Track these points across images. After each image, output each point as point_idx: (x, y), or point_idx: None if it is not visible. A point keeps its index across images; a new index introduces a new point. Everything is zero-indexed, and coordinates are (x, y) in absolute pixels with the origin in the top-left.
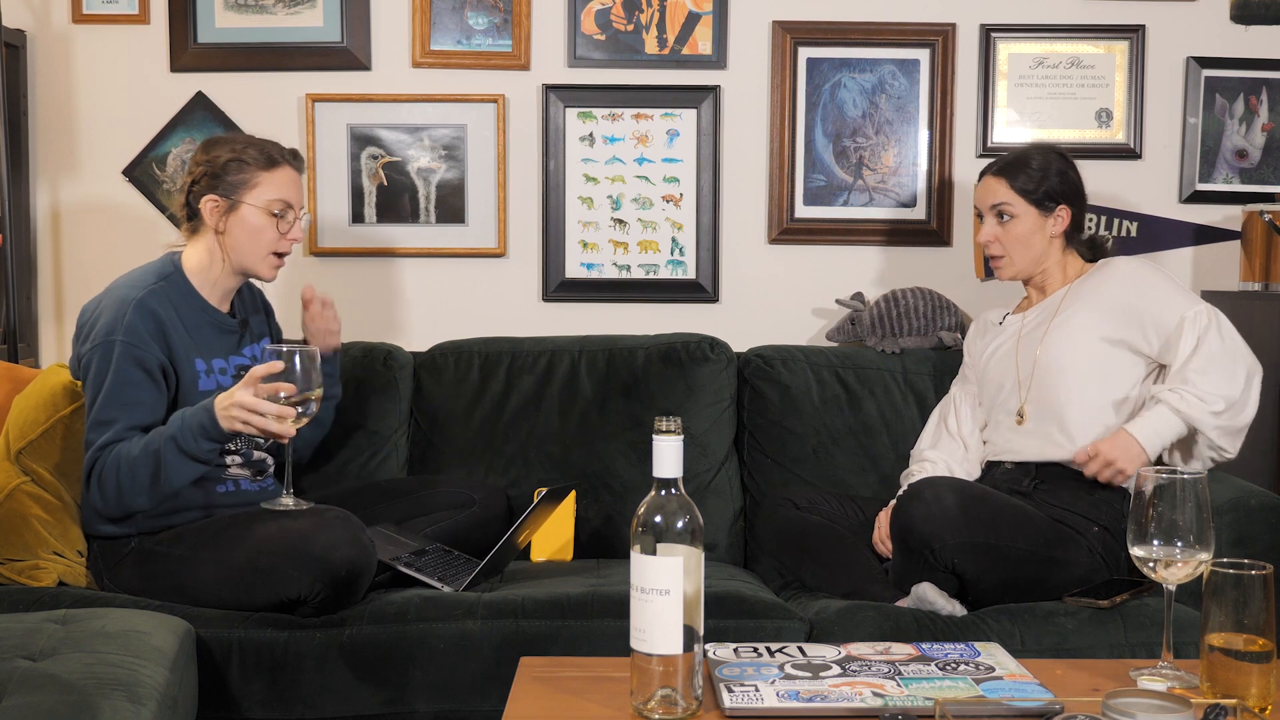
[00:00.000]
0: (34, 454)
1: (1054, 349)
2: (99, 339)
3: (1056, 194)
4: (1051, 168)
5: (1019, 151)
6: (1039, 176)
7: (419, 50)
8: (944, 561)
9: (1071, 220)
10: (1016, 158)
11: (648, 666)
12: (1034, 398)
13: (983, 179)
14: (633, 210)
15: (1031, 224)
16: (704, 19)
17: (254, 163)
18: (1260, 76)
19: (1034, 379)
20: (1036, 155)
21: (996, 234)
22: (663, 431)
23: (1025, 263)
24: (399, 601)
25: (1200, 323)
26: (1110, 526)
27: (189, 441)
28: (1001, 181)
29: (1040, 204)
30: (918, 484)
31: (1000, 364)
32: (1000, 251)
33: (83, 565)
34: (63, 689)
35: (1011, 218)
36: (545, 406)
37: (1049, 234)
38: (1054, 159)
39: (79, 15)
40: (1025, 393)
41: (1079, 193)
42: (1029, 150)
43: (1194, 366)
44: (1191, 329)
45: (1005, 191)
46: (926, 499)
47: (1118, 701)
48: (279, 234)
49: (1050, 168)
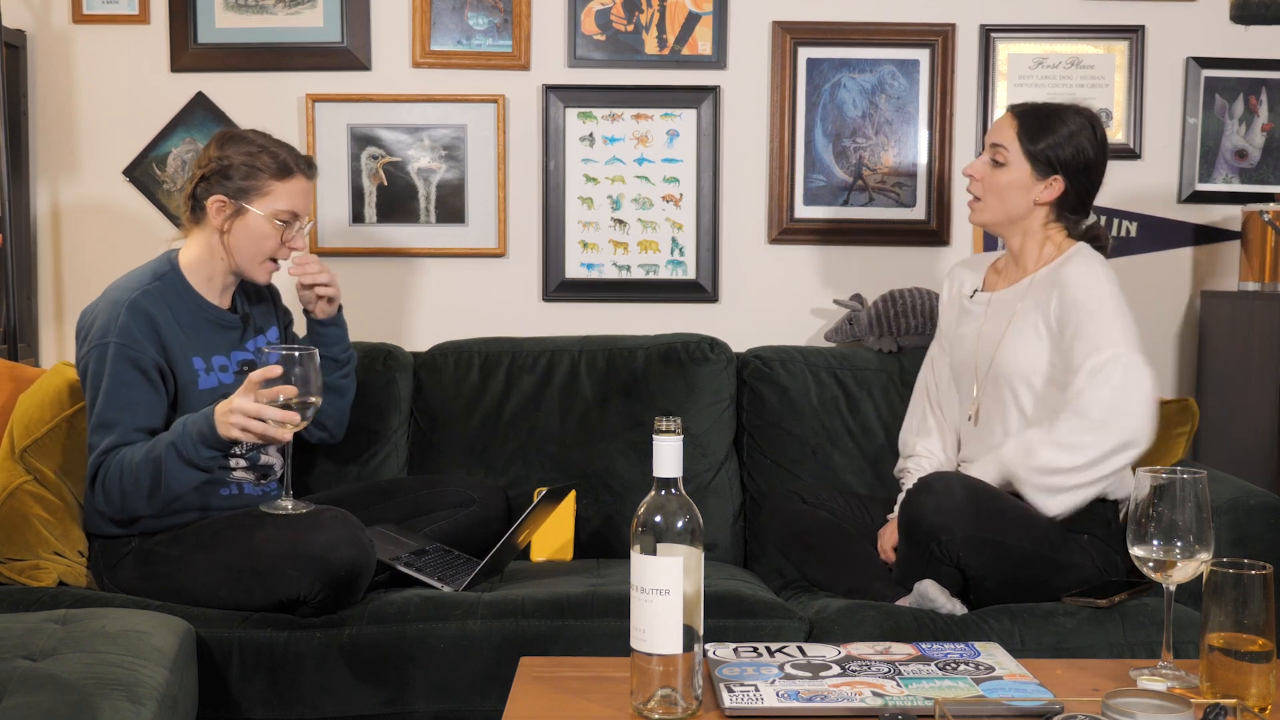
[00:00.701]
0: (38, 452)
1: (1005, 356)
2: (94, 341)
3: (1059, 163)
4: (1074, 136)
5: (1055, 106)
6: (1052, 138)
7: (419, 50)
8: (950, 555)
9: (1064, 194)
10: (1046, 110)
11: (648, 666)
12: (986, 401)
13: (1004, 113)
14: (633, 210)
15: (1018, 178)
16: (704, 19)
17: (267, 170)
18: (1260, 76)
19: (984, 383)
20: (1069, 118)
21: (982, 173)
22: (663, 431)
23: (998, 215)
24: (399, 601)
25: (1093, 374)
26: (1099, 534)
27: (189, 449)
28: (1013, 123)
29: (1036, 163)
30: (928, 477)
31: (962, 350)
32: (979, 193)
33: (83, 565)
34: (63, 689)
35: (1002, 165)
36: (545, 406)
37: (1033, 198)
38: (1084, 129)
39: (79, 15)
40: (979, 392)
41: (1087, 170)
42: (1064, 108)
43: (1059, 416)
44: (1086, 375)
45: (1009, 135)
46: (937, 491)
47: (1118, 701)
48: (281, 242)
49: (1073, 136)
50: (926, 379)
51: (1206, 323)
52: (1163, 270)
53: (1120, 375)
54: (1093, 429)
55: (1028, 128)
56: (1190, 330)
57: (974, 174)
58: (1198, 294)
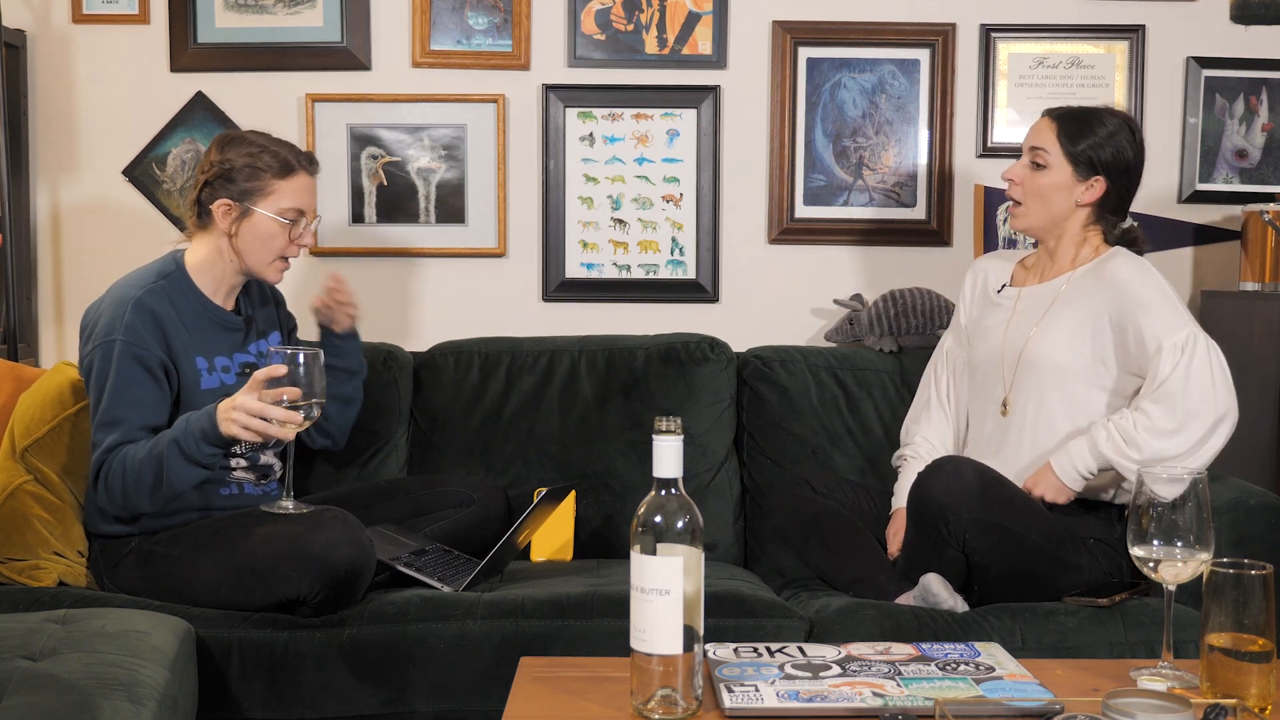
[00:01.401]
0: (40, 452)
1: (1041, 348)
2: (99, 339)
3: (1100, 163)
4: (1114, 137)
5: (1092, 109)
6: (1093, 139)
7: (419, 50)
8: (957, 536)
9: (1105, 195)
10: (1084, 113)
11: (648, 666)
12: (1019, 393)
13: (1041, 118)
14: (633, 210)
15: (1060, 180)
16: (704, 19)
17: (269, 170)
18: (1260, 76)
19: (1018, 374)
20: (1106, 120)
21: (1022, 177)
22: (663, 431)
23: (1041, 219)
24: (399, 601)
25: (1176, 355)
26: (1104, 538)
27: (191, 445)
28: (1052, 126)
29: (1078, 165)
30: (939, 459)
31: (988, 343)
32: (1020, 197)
33: (83, 565)
34: (63, 689)
35: (1043, 167)
36: (545, 406)
37: (1075, 199)
38: (1122, 130)
39: (79, 15)
40: (1008, 387)
41: (1127, 172)
42: (1103, 111)
43: (1148, 403)
44: (1169, 358)
45: (1049, 138)
46: (947, 472)
47: (1118, 701)
48: (289, 240)
49: (1113, 137)
50: (937, 369)
51: (1206, 323)
52: (1163, 270)
53: (1203, 353)
54: (1191, 413)
55: (1068, 129)
56: None
57: (1014, 178)
58: (1198, 294)
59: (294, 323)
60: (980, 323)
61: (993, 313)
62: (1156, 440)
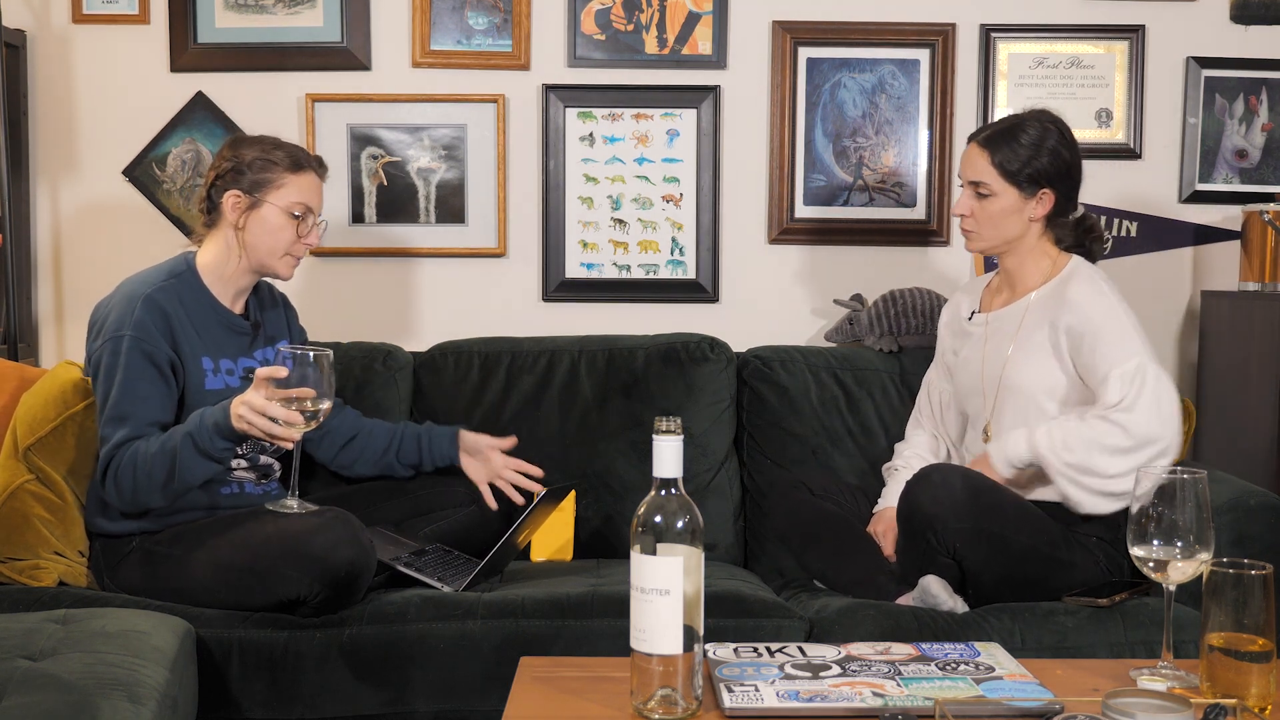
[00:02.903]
0: (42, 451)
1: (1017, 372)
2: (109, 334)
3: (1042, 175)
4: (1044, 144)
5: (1013, 120)
6: (1026, 154)
7: (419, 50)
8: (946, 546)
9: (1055, 204)
10: (1007, 128)
11: (648, 666)
12: (998, 419)
13: (968, 145)
14: (633, 210)
15: (1009, 204)
16: (704, 19)
17: (280, 164)
18: (1260, 76)
19: (998, 399)
20: (1031, 128)
21: (971, 208)
22: (663, 431)
23: (995, 240)
24: (399, 601)
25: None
26: (1104, 536)
27: (205, 439)
28: (984, 155)
29: (1021, 185)
30: (927, 468)
31: (967, 372)
32: (972, 227)
33: (83, 565)
34: (63, 689)
35: (989, 196)
36: (545, 406)
37: (1027, 216)
38: (1050, 134)
39: (79, 15)
40: (990, 412)
41: (1069, 173)
42: (1024, 120)
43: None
44: (1117, 387)
45: (985, 168)
46: (935, 482)
47: (1118, 701)
48: (297, 236)
49: (1043, 144)
50: (924, 405)
51: (1206, 323)
52: (1163, 270)
53: (1152, 384)
54: (1137, 445)
55: (1000, 155)
56: (1190, 330)
57: (963, 212)
58: (1198, 294)
59: (304, 336)
60: (958, 355)
61: (967, 342)
62: (1096, 456)
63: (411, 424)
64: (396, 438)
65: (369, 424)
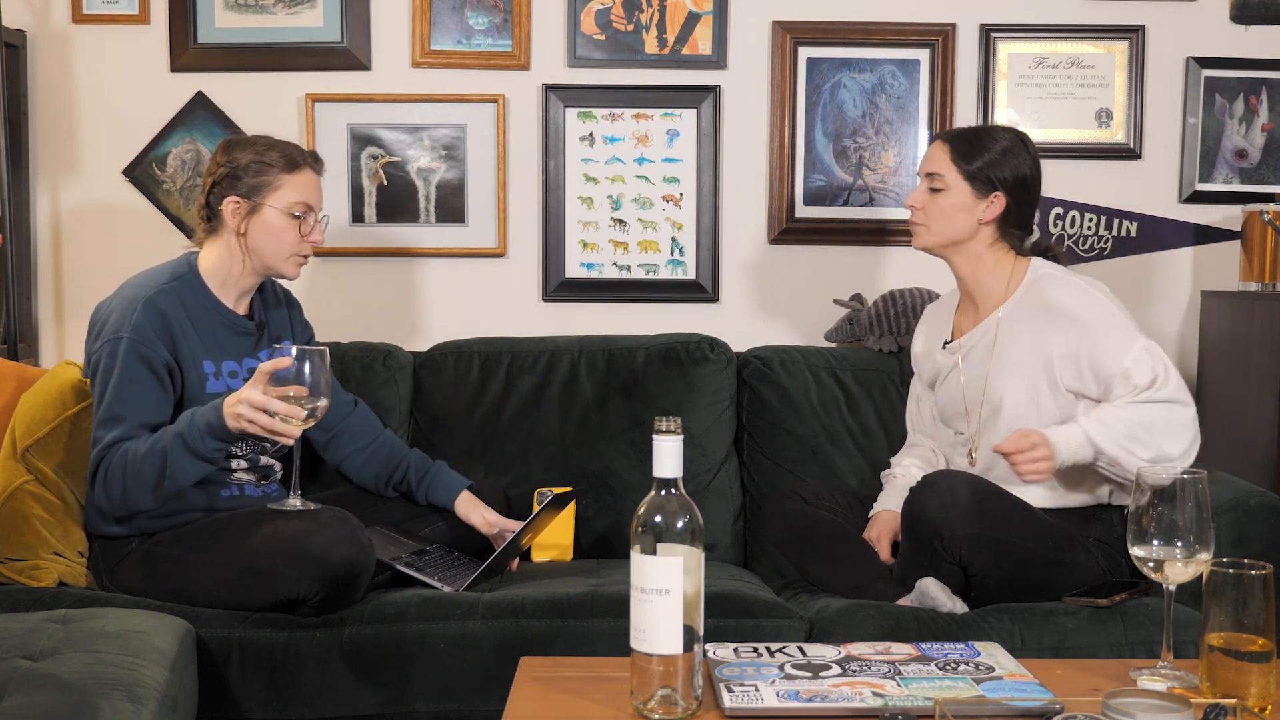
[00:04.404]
0: (40, 452)
1: (999, 392)
2: (108, 336)
3: (997, 178)
4: (1006, 150)
5: (984, 128)
6: (985, 156)
7: (419, 50)
8: (952, 552)
9: (1005, 212)
10: (972, 132)
11: (648, 666)
12: (985, 441)
13: (932, 142)
14: (633, 210)
15: (960, 201)
16: (704, 19)
17: (276, 165)
18: (1260, 76)
19: (983, 419)
20: (996, 136)
21: (923, 201)
22: (663, 431)
23: (941, 238)
24: (399, 601)
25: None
26: (1103, 537)
27: (195, 439)
28: (945, 149)
29: (975, 183)
30: (932, 475)
31: (950, 398)
32: (921, 220)
33: (83, 565)
34: (63, 689)
35: (941, 190)
36: (545, 406)
37: (976, 217)
38: (1014, 144)
39: (79, 15)
40: (974, 434)
41: (1025, 185)
42: (991, 129)
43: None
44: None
45: (943, 161)
46: (940, 489)
47: (1118, 701)
48: (300, 236)
49: (1005, 150)
50: (911, 409)
51: (1206, 323)
52: (1163, 270)
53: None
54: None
55: (960, 150)
56: (1190, 330)
57: (915, 204)
58: (1198, 294)
59: (311, 332)
60: (936, 376)
61: (945, 370)
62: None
63: (418, 462)
64: (399, 470)
65: (383, 439)
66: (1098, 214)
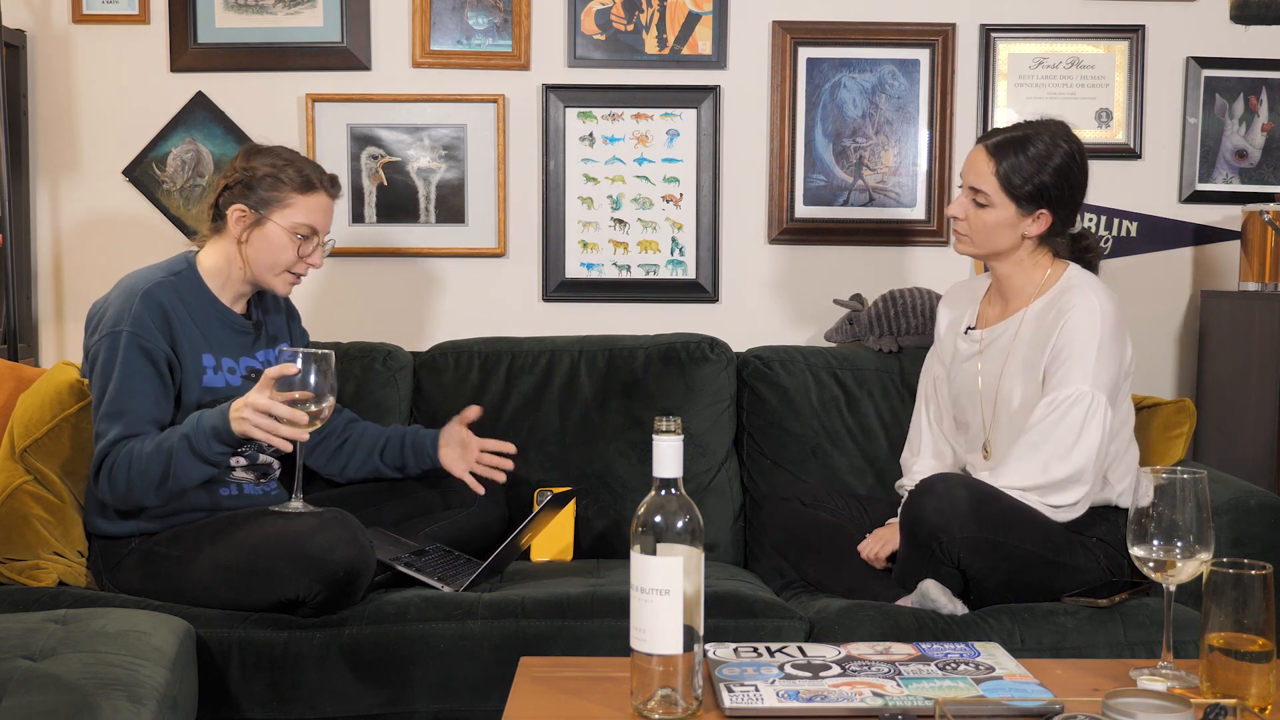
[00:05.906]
0: (39, 452)
1: (1011, 393)
2: (106, 329)
3: (1043, 194)
4: (1051, 161)
5: (1024, 130)
6: (1030, 170)
7: (419, 50)
8: (951, 555)
9: (1051, 226)
10: (1018, 139)
11: (648, 666)
12: (997, 439)
13: (976, 148)
14: (633, 210)
15: (1004, 218)
16: (704, 19)
17: (290, 183)
18: (1260, 76)
19: (995, 419)
20: (1040, 141)
21: (966, 212)
22: (663, 431)
23: (985, 249)
24: (399, 601)
25: (1046, 410)
26: (1107, 538)
27: (201, 443)
28: (990, 163)
29: (1020, 201)
30: (930, 479)
31: (964, 385)
32: (965, 230)
33: (83, 565)
34: (63, 689)
35: (986, 206)
36: (545, 407)
37: (1020, 232)
38: (1059, 150)
39: (79, 15)
40: (989, 430)
41: (1073, 195)
42: (1035, 130)
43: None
44: (1042, 409)
45: (988, 177)
46: (939, 493)
47: (1118, 701)
48: (298, 256)
49: (1049, 161)
50: (926, 392)
51: (1206, 323)
52: (1163, 270)
53: (1080, 412)
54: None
55: (1005, 162)
56: (1190, 330)
57: (958, 214)
58: (1198, 294)
59: (307, 340)
60: (954, 361)
61: (964, 356)
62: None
63: (399, 427)
64: (382, 440)
65: (359, 428)
66: (1098, 214)
